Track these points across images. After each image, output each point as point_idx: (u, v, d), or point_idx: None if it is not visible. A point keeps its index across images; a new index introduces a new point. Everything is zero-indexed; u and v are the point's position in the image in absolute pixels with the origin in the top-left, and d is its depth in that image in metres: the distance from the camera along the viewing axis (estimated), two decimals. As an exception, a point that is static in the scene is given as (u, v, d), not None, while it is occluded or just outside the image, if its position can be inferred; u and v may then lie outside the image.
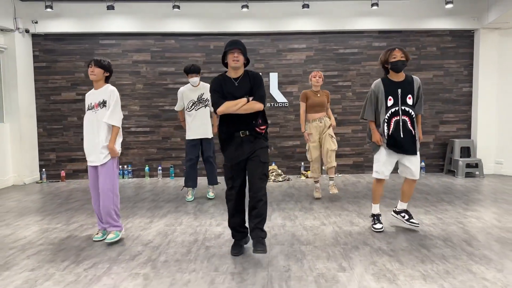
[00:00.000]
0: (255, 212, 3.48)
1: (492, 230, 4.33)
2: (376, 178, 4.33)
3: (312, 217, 4.94)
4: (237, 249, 3.71)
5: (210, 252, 3.77)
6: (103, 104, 4.02)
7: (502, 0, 6.99)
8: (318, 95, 5.78)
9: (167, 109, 7.96)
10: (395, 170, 4.34)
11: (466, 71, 8.04)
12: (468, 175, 7.70)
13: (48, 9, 7.30)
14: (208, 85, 5.76)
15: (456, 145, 7.76)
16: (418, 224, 4.32)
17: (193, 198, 6.00)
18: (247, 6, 7.41)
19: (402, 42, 7.94)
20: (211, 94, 3.61)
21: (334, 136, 5.84)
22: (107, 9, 7.25)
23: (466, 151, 7.86)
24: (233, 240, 3.82)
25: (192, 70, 5.71)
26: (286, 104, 8.02)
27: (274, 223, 4.68)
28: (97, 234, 4.21)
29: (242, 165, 3.59)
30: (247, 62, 3.64)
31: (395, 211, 4.53)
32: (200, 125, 5.81)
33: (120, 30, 7.73)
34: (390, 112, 4.10)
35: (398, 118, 4.07)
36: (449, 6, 7.43)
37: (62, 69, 7.87)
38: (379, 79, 4.19)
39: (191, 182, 5.96)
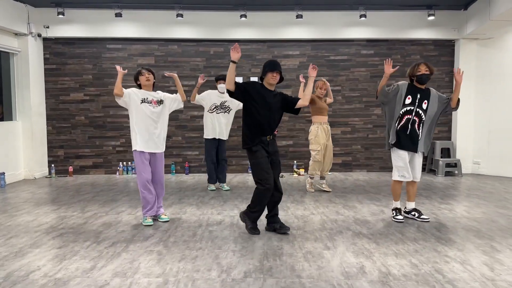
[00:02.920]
0: (278, 203, 4.39)
1: (460, 220, 4.92)
2: (396, 180, 4.80)
3: (303, 208, 5.52)
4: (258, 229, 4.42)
5: (213, 234, 4.33)
6: (161, 102, 4.80)
7: (479, 14, 7.63)
8: (322, 100, 6.50)
9: (169, 110, 8.50)
10: (382, 170, 4.91)
11: (447, 78, 8.68)
12: (448, 174, 8.32)
13: (60, 16, 7.82)
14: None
15: (437, 146, 8.39)
16: (428, 219, 4.82)
17: (215, 188, 6.78)
18: (245, 16, 7.99)
19: (388, 51, 8.56)
20: (245, 83, 4.32)
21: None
22: (115, 16, 7.79)
23: (447, 152, 8.49)
24: (251, 223, 4.44)
25: (222, 77, 6.47)
26: (280, 107, 8.59)
27: (269, 212, 5.24)
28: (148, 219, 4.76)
29: (268, 161, 4.25)
30: (281, 79, 4.40)
31: (405, 212, 5.01)
32: (217, 127, 6.54)
33: (126, 36, 8.27)
34: (405, 109, 4.64)
35: (410, 116, 4.64)
36: (431, 18, 8.07)
37: (71, 71, 8.40)
38: (406, 82, 4.74)
39: (213, 179, 6.75)
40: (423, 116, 4.68)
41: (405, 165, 4.73)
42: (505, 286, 3.06)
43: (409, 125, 4.65)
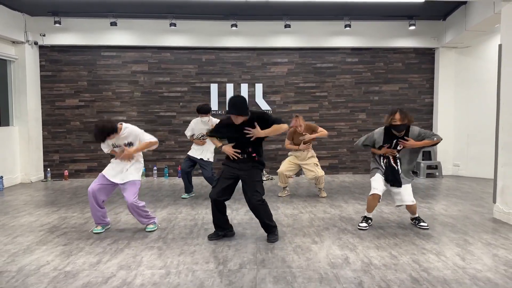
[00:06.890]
0: (257, 216, 4.26)
1: (438, 217, 5.31)
2: (372, 194, 4.76)
3: (292, 207, 5.85)
4: (214, 235, 4.38)
5: (209, 232, 4.61)
6: (130, 144, 4.60)
7: (456, 24, 8.09)
8: (303, 133, 6.44)
9: (162, 115, 8.79)
10: (367, 172, 5.24)
11: (427, 84, 9.13)
12: (429, 175, 8.75)
13: (57, 25, 8.06)
14: (216, 120, 6.63)
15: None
16: (427, 227, 4.75)
17: (188, 196, 6.65)
18: (235, 25, 8.33)
19: (372, 58, 8.99)
20: (216, 126, 4.52)
21: (318, 163, 6.59)
22: (110, 25, 8.06)
23: (428, 155, 8.92)
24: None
25: (203, 111, 6.44)
26: (270, 112, 8.94)
27: (260, 212, 5.55)
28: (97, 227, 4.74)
29: (234, 176, 4.23)
30: (246, 114, 4.14)
31: (411, 218, 5.02)
32: (199, 148, 6.49)
33: (121, 44, 8.54)
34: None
35: (386, 160, 4.78)
36: (412, 27, 8.51)
37: (66, 78, 8.63)
38: (383, 129, 4.81)
39: (185, 188, 6.65)
40: (397, 154, 4.75)
41: (378, 179, 4.79)
42: (473, 273, 3.42)
43: (388, 163, 4.76)
